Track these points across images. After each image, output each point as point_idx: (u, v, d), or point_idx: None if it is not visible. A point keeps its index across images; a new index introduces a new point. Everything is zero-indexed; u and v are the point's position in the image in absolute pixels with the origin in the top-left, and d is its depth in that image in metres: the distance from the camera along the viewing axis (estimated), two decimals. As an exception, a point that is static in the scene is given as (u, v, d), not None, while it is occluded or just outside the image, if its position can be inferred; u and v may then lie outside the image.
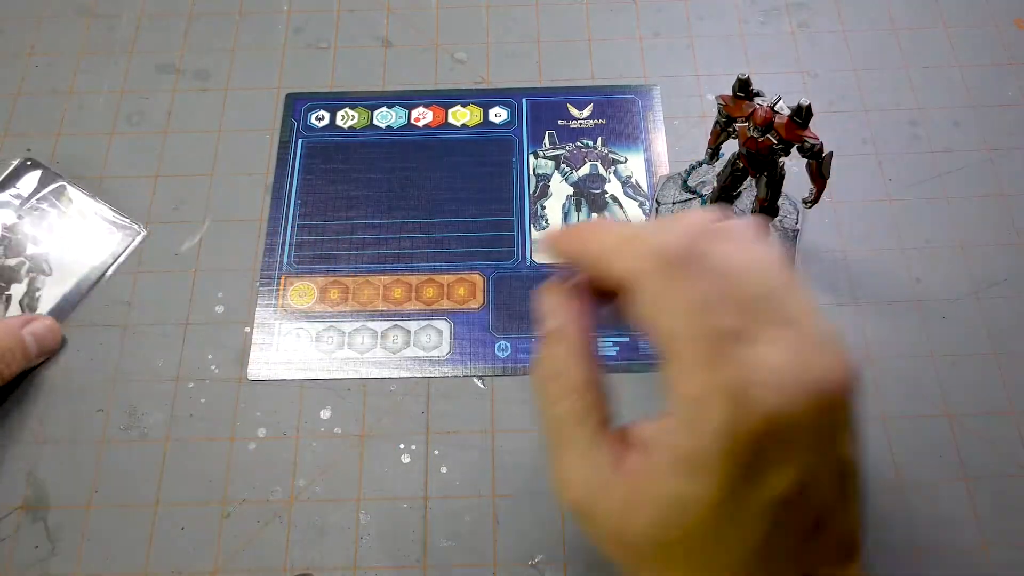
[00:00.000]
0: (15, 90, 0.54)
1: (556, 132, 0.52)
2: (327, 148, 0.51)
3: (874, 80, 0.54)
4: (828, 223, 0.49)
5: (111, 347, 0.45)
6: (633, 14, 0.57)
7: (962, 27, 0.56)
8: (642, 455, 0.26)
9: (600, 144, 0.52)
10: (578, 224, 0.31)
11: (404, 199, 0.50)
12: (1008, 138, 0.51)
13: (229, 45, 0.56)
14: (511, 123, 0.52)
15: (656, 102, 0.53)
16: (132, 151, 0.52)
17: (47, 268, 0.47)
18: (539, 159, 0.51)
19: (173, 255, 0.48)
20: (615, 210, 0.49)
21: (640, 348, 0.45)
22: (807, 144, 0.39)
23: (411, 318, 0.46)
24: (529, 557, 0.40)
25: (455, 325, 0.46)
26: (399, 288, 0.47)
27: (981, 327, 0.45)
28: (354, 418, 0.44)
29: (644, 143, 0.52)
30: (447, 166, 0.51)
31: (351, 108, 0.53)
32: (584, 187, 0.50)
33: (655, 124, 0.52)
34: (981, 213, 0.49)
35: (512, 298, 0.47)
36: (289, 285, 0.47)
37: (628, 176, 0.51)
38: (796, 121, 0.39)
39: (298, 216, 0.49)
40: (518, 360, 0.45)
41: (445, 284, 0.47)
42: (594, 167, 0.51)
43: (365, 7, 0.57)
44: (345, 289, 0.47)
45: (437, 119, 0.52)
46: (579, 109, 0.53)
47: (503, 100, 0.53)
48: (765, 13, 0.57)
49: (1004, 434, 0.42)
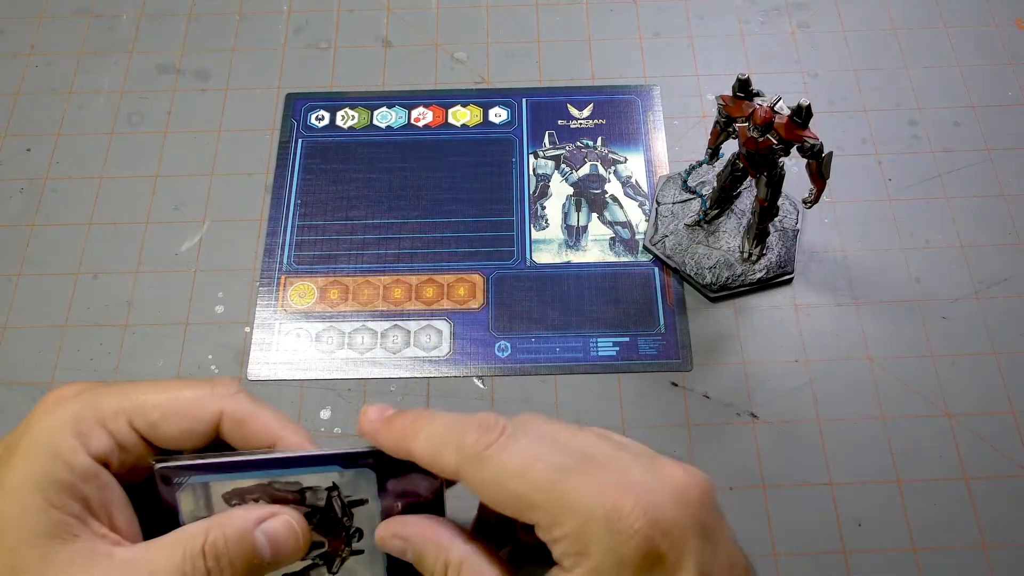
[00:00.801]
0: (15, 90, 0.54)
1: (556, 132, 0.52)
2: (327, 148, 0.51)
3: (874, 80, 0.54)
4: (828, 223, 0.49)
5: (111, 347, 0.45)
6: (633, 14, 0.57)
7: (962, 27, 0.56)
8: None
9: (600, 144, 0.52)
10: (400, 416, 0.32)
11: (404, 199, 0.50)
12: (1008, 138, 0.51)
13: (229, 45, 0.56)
14: (511, 123, 0.52)
15: (656, 102, 0.53)
16: (132, 151, 0.52)
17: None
18: (539, 159, 0.51)
19: (173, 255, 0.48)
20: (615, 210, 0.49)
21: (640, 349, 0.45)
22: (807, 144, 0.39)
23: (411, 318, 0.46)
24: (529, 557, 0.40)
25: (455, 325, 0.46)
26: (399, 288, 0.47)
27: (981, 327, 0.45)
28: (354, 418, 0.43)
29: (644, 143, 0.52)
30: (447, 166, 0.51)
31: (351, 108, 0.53)
32: (584, 187, 0.50)
33: (655, 124, 0.52)
34: (981, 213, 0.49)
35: (512, 298, 0.47)
36: (289, 285, 0.47)
37: (628, 176, 0.51)
38: (796, 121, 0.39)
39: (298, 216, 0.49)
40: (518, 360, 0.45)
41: (445, 284, 0.47)
42: (594, 167, 0.51)
43: (365, 7, 0.57)
44: (345, 289, 0.47)
45: (437, 119, 0.52)
46: (579, 109, 0.53)
47: (503, 100, 0.53)
48: (765, 13, 0.57)
49: (1004, 434, 0.42)
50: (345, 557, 0.33)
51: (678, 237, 0.47)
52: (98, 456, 0.30)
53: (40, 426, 0.30)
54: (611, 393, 0.44)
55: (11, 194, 0.50)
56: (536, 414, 0.30)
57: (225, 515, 0.32)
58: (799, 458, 0.42)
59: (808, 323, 0.46)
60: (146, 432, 0.31)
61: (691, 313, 0.46)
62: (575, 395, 0.44)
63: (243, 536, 0.31)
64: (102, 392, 0.31)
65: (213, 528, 0.31)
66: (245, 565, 0.31)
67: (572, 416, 0.43)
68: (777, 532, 0.40)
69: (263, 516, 0.32)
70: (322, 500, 0.33)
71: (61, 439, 0.29)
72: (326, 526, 0.33)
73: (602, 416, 0.43)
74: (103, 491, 0.30)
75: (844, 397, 0.44)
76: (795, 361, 0.45)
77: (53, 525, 0.29)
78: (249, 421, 0.33)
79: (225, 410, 0.32)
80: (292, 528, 0.32)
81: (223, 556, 0.30)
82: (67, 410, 0.30)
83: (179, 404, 0.32)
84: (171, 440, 0.32)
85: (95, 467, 0.30)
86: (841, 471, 0.42)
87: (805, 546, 0.40)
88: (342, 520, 0.33)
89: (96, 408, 0.31)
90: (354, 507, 0.33)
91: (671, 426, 0.43)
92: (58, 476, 0.29)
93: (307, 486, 0.33)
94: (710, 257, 0.46)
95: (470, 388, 0.44)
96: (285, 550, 0.32)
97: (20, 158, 0.51)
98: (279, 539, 0.32)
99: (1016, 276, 0.47)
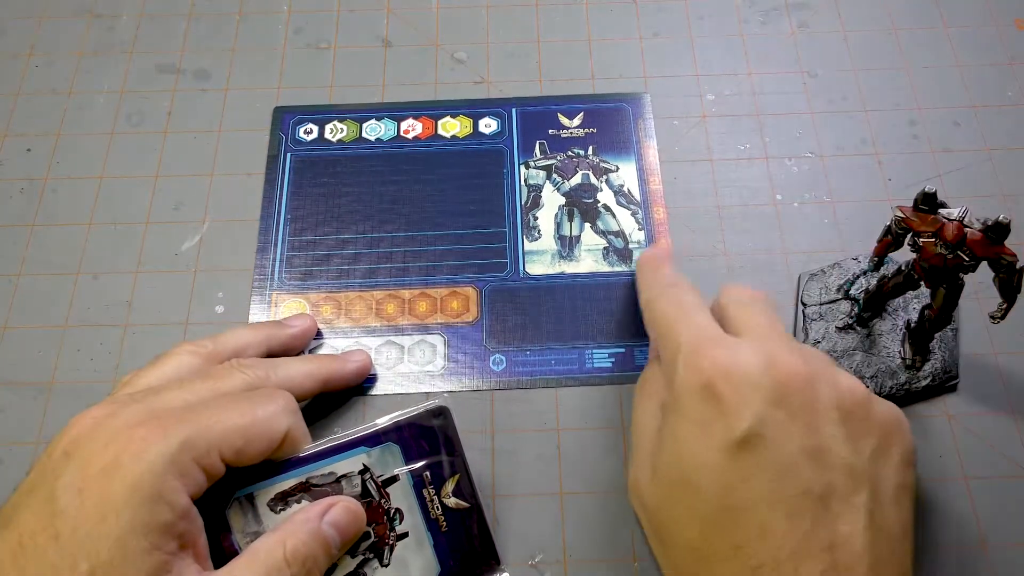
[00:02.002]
0: (15, 90, 0.54)
1: (547, 142, 0.52)
2: (316, 162, 0.51)
3: (874, 80, 0.54)
4: (828, 223, 0.49)
5: (111, 347, 0.45)
6: (633, 14, 0.57)
7: (962, 27, 0.56)
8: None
9: (591, 153, 0.51)
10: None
11: (395, 212, 0.49)
12: (1008, 138, 0.51)
13: (229, 45, 0.56)
14: (501, 133, 0.52)
15: (647, 110, 0.53)
16: (132, 151, 0.52)
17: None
18: (530, 169, 0.51)
19: (173, 255, 0.48)
20: (608, 219, 0.49)
21: (635, 359, 0.45)
22: (1004, 261, 0.36)
23: (404, 333, 0.46)
24: (529, 557, 0.40)
25: (449, 339, 0.45)
26: (392, 303, 0.46)
27: (981, 327, 0.45)
28: (354, 423, 0.43)
29: (635, 151, 0.51)
30: (438, 178, 0.50)
31: (340, 121, 0.52)
32: (576, 197, 0.50)
33: (646, 132, 0.52)
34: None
35: (506, 310, 0.46)
36: (281, 303, 0.47)
37: (620, 185, 0.50)
38: (991, 237, 0.36)
39: (288, 232, 0.49)
40: (513, 374, 0.44)
41: (438, 298, 0.47)
42: (586, 176, 0.50)
43: (365, 7, 0.57)
44: (337, 305, 0.46)
45: (427, 131, 0.52)
46: (569, 118, 0.52)
47: (493, 111, 0.53)
48: (765, 13, 0.57)
49: (1004, 434, 0.42)
50: (393, 544, 0.35)
51: (831, 342, 0.44)
52: (194, 495, 0.31)
53: (137, 467, 0.30)
54: (611, 400, 0.44)
55: (11, 194, 0.50)
56: (763, 303, 0.37)
57: (290, 522, 0.33)
58: (799, 458, 0.42)
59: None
60: (231, 460, 0.32)
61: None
62: (575, 405, 0.44)
63: (316, 534, 0.32)
64: (189, 422, 0.31)
65: (288, 537, 0.32)
66: (327, 560, 0.33)
67: (574, 424, 0.43)
68: (777, 532, 0.40)
69: (323, 510, 0.33)
70: (358, 486, 0.34)
71: (164, 483, 0.30)
72: (368, 512, 0.34)
73: (604, 423, 0.43)
74: (193, 523, 0.31)
75: (844, 397, 0.43)
76: (795, 361, 0.44)
77: (155, 567, 0.29)
78: (302, 440, 0.36)
79: (290, 430, 0.35)
80: (351, 511, 0.34)
81: (308, 559, 0.32)
82: (164, 451, 0.30)
83: (258, 428, 0.33)
84: (250, 461, 0.33)
85: (192, 506, 0.31)
86: (841, 471, 0.42)
87: (805, 546, 0.40)
88: (380, 502, 0.35)
89: (192, 448, 0.31)
90: (387, 486, 0.35)
91: (671, 426, 0.43)
92: (163, 520, 0.29)
93: (342, 474, 0.35)
94: (869, 365, 0.43)
95: (465, 402, 0.44)
96: (350, 533, 0.34)
97: (20, 158, 0.51)
98: (343, 525, 0.33)
99: (1016, 276, 0.47)
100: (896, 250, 0.40)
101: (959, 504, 0.41)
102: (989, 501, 0.41)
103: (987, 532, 0.40)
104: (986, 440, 0.42)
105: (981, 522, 0.40)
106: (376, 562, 0.34)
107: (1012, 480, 0.41)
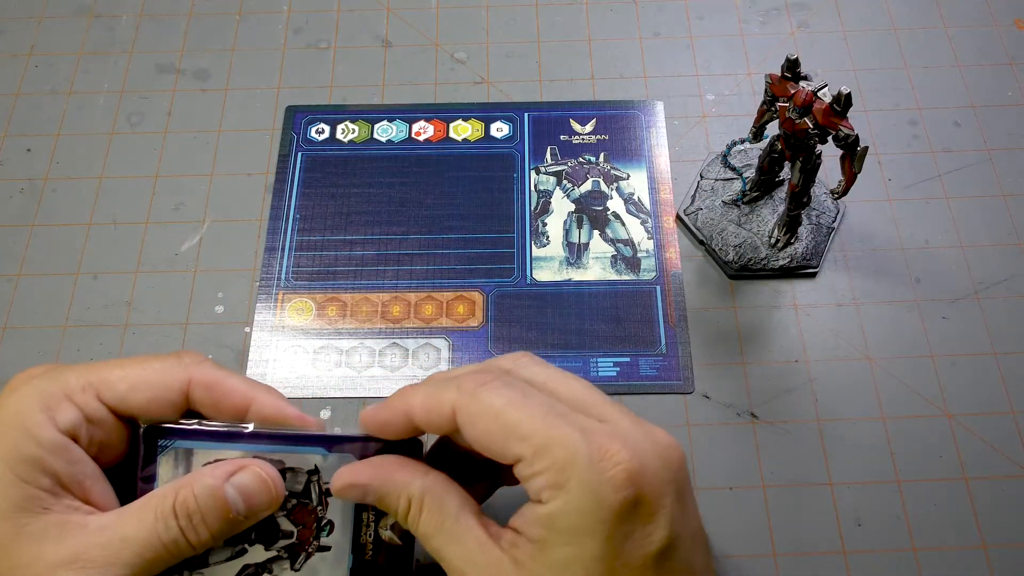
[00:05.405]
0: (15, 90, 0.54)
1: (558, 147, 0.51)
2: (327, 162, 0.51)
3: (874, 80, 0.54)
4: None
5: (111, 347, 0.45)
6: (633, 14, 0.57)
7: (962, 27, 0.56)
8: (518, 535, 0.29)
9: (603, 160, 0.51)
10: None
11: (404, 214, 0.49)
12: (1008, 138, 0.51)
13: (229, 45, 0.56)
14: (513, 138, 0.52)
15: (659, 118, 0.52)
16: (132, 151, 0.52)
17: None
18: (540, 175, 0.50)
19: (173, 255, 0.48)
20: (617, 227, 0.49)
21: (640, 370, 0.45)
22: (842, 133, 0.39)
23: (409, 336, 0.46)
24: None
25: (454, 343, 0.45)
26: (398, 305, 0.46)
27: (981, 327, 0.45)
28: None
29: (647, 160, 0.51)
30: (448, 181, 0.50)
31: (351, 122, 0.52)
32: (586, 204, 0.50)
33: (658, 140, 0.52)
34: (981, 213, 0.49)
35: (512, 316, 0.46)
36: (287, 301, 0.47)
37: (630, 193, 0.50)
38: (835, 108, 0.38)
39: (297, 231, 0.49)
40: None
41: (444, 301, 0.46)
42: (596, 183, 0.50)
43: (365, 7, 0.57)
44: (343, 306, 0.46)
45: (438, 133, 0.52)
46: (581, 124, 0.52)
47: (505, 115, 0.52)
48: (765, 13, 0.57)
49: (1004, 434, 0.42)
50: (311, 552, 0.33)
51: (712, 212, 0.48)
52: (66, 430, 0.30)
53: (7, 404, 0.30)
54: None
55: (11, 194, 0.50)
56: (532, 356, 0.32)
57: (193, 473, 0.31)
58: (799, 458, 0.42)
59: (808, 323, 0.46)
60: (115, 404, 0.31)
61: (691, 314, 0.46)
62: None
63: (213, 492, 0.30)
64: (69, 368, 0.31)
65: (183, 487, 0.30)
66: (219, 521, 0.30)
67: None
68: (777, 532, 0.40)
69: (232, 470, 0.31)
70: (301, 484, 0.33)
71: (28, 415, 0.30)
72: (299, 514, 0.33)
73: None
74: (74, 465, 0.30)
75: (844, 397, 0.44)
76: (795, 361, 0.45)
77: (24, 499, 0.29)
78: (218, 385, 0.32)
79: (193, 377, 0.32)
80: (262, 478, 0.31)
81: (195, 513, 0.30)
82: (33, 387, 0.30)
83: (146, 374, 0.32)
84: (141, 410, 0.32)
85: (64, 441, 0.30)
86: (841, 471, 0.42)
87: (805, 546, 0.40)
88: (316, 508, 0.33)
89: (62, 383, 0.31)
90: (330, 496, 0.33)
91: (671, 426, 0.43)
92: (26, 451, 0.29)
93: (289, 466, 0.33)
94: (738, 236, 0.46)
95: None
96: (259, 502, 0.31)
97: (20, 158, 0.51)
98: (250, 491, 0.31)
99: (1016, 276, 0.47)
100: (770, 120, 0.42)
101: (959, 504, 0.41)
102: (989, 501, 0.41)
103: (987, 532, 0.40)
104: (986, 440, 0.42)
105: (981, 522, 0.40)
106: (287, 563, 0.33)
107: (1012, 480, 0.41)
